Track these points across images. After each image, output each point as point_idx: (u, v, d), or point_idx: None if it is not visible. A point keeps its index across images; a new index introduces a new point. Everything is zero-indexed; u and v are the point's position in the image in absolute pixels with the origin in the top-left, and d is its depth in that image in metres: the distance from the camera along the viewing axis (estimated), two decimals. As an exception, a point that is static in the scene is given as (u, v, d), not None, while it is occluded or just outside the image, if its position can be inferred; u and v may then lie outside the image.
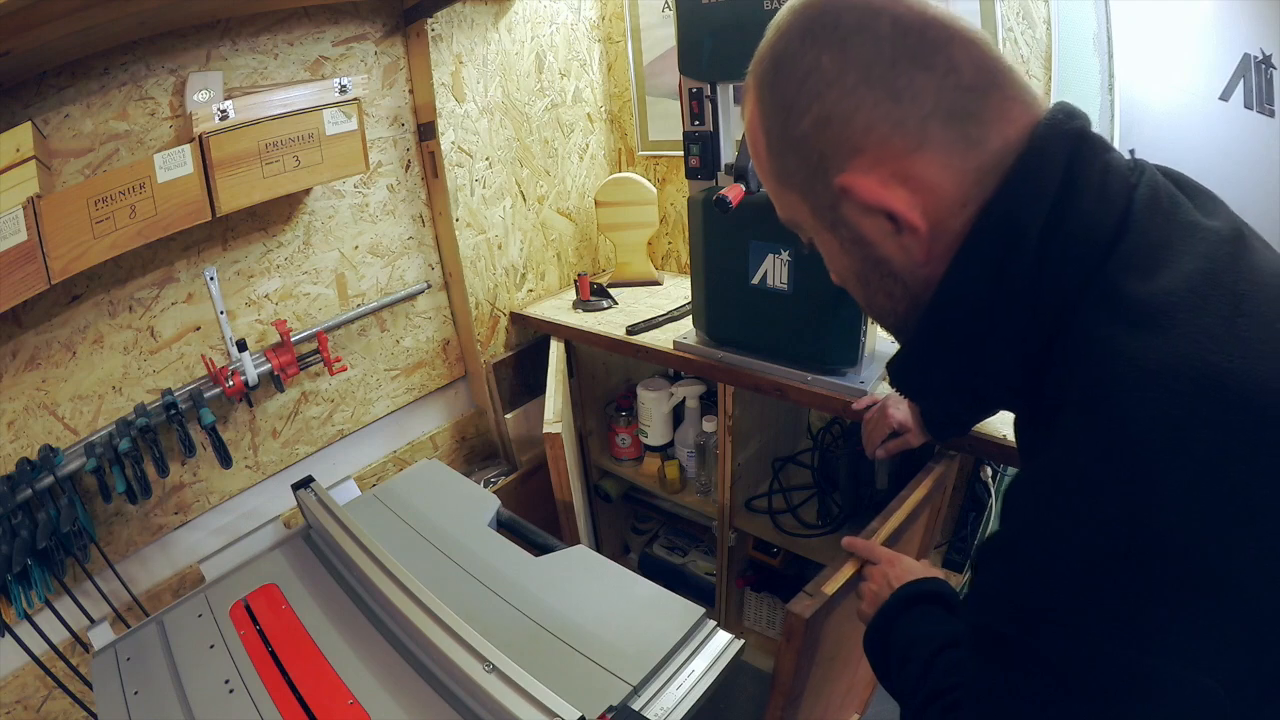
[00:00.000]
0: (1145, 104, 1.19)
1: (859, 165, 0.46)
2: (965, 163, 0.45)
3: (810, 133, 0.47)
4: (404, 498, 1.16)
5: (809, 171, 0.49)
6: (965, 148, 0.45)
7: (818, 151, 0.48)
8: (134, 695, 0.83)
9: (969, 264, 0.46)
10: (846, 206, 0.49)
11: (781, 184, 0.53)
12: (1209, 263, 0.41)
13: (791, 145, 0.49)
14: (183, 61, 1.15)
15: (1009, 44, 1.23)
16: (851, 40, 0.45)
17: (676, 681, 0.78)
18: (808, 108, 0.47)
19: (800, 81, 0.47)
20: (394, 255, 1.53)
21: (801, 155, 0.49)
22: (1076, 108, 0.46)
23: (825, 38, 0.46)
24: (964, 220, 0.46)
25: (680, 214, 1.82)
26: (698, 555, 1.88)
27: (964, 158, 0.45)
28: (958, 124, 0.44)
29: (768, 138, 0.51)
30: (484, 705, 0.71)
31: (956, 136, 0.44)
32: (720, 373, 1.31)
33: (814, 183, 0.49)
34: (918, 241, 0.47)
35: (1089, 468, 0.39)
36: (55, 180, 1.05)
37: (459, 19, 1.45)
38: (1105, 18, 1.18)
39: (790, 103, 0.48)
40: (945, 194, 0.45)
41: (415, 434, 1.69)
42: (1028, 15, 1.21)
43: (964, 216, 0.46)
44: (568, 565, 0.98)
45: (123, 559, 1.23)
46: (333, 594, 0.93)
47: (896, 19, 0.44)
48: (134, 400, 1.20)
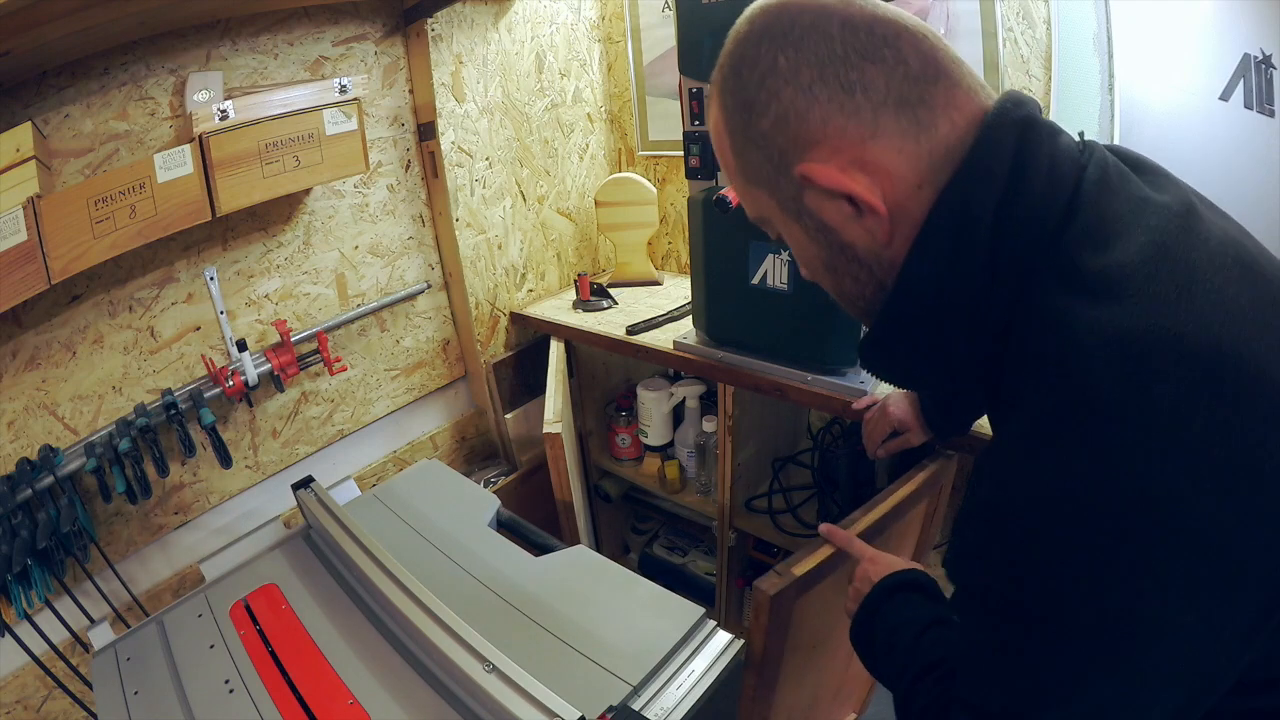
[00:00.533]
0: (1145, 104, 1.19)
1: (817, 155, 0.49)
2: (918, 146, 0.47)
3: (770, 129, 0.50)
4: (404, 498, 1.16)
5: (772, 166, 0.52)
6: (917, 132, 0.47)
7: (778, 147, 0.50)
8: (134, 695, 0.83)
9: (926, 249, 0.49)
10: (809, 196, 0.51)
11: (748, 181, 0.55)
12: (1160, 235, 0.43)
13: (754, 143, 0.52)
14: (183, 61, 1.15)
15: (1009, 44, 1.23)
16: (805, 41, 0.48)
17: (676, 681, 0.78)
18: (767, 106, 0.50)
19: (759, 82, 0.50)
20: (394, 255, 1.53)
21: (764, 151, 0.52)
22: (1025, 95, 0.50)
23: (780, 40, 0.49)
24: (920, 203, 0.48)
25: (680, 214, 1.82)
26: (698, 555, 1.88)
27: (916, 142, 0.47)
28: (908, 111, 0.47)
29: (732, 138, 0.54)
30: (484, 705, 0.71)
31: (908, 123, 0.47)
32: (720, 373, 1.31)
33: (778, 176, 0.52)
34: (879, 224, 0.50)
35: (1057, 428, 0.41)
36: (55, 180, 1.05)
37: (459, 19, 1.45)
38: (1105, 18, 1.18)
39: (750, 102, 0.51)
40: (901, 177, 0.48)
41: (415, 434, 1.69)
42: (1028, 15, 1.21)
43: (920, 199, 0.48)
44: (568, 565, 0.98)
45: (123, 559, 1.23)
46: (333, 594, 0.93)
47: (846, 19, 0.48)
48: (134, 400, 1.20)
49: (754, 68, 0.50)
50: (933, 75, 0.47)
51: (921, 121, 0.47)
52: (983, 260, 0.47)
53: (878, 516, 0.96)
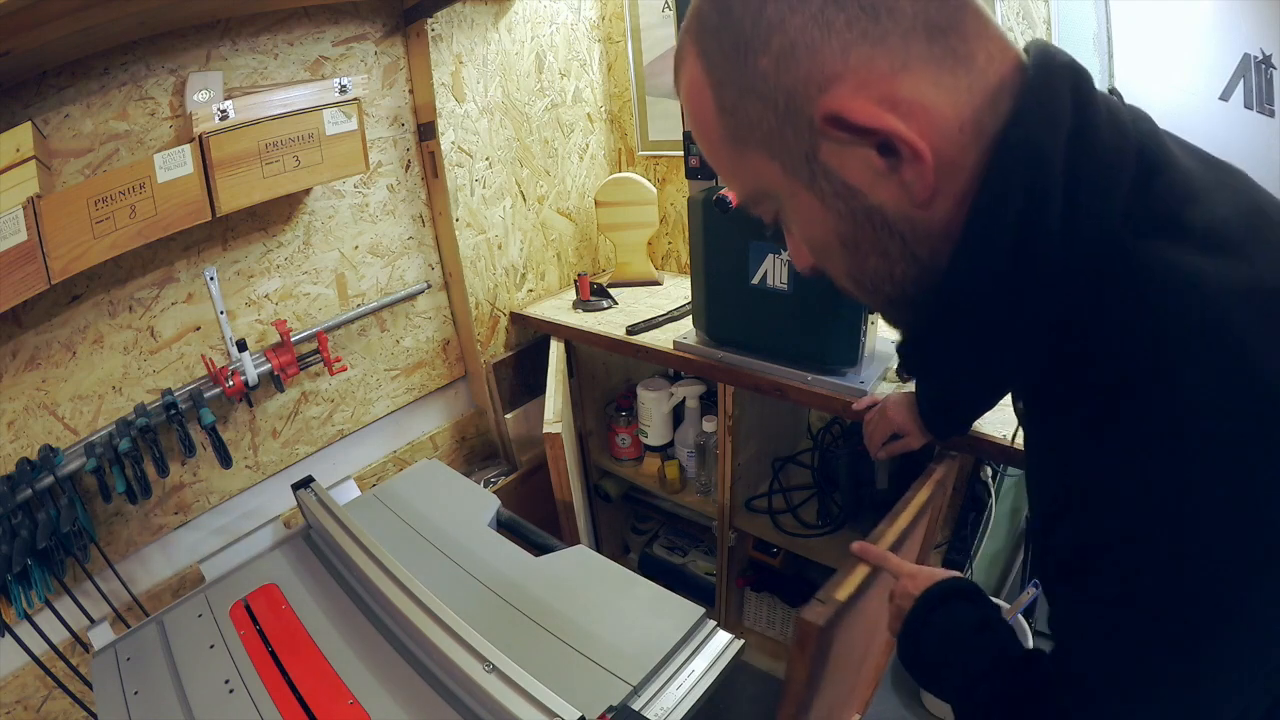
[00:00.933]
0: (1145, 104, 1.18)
1: (840, 93, 0.40)
2: (956, 80, 0.40)
3: (773, 70, 0.41)
4: (404, 498, 1.16)
5: (776, 117, 0.42)
6: (954, 63, 0.40)
7: (784, 90, 0.41)
8: (134, 695, 0.83)
9: (994, 206, 0.40)
10: (826, 150, 0.42)
11: (739, 145, 0.45)
12: (1244, 192, 0.40)
13: (750, 91, 0.42)
14: (183, 61, 1.15)
15: (1009, 44, 1.23)
16: None
17: (676, 681, 0.78)
18: (768, 40, 0.40)
19: (755, 14, 0.41)
20: (394, 255, 1.53)
21: (764, 99, 0.42)
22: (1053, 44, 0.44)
23: None
24: (964, 151, 0.41)
25: (680, 214, 1.82)
26: (698, 555, 1.88)
27: (954, 74, 0.40)
28: (941, 38, 0.40)
29: (717, 92, 0.44)
30: (484, 705, 0.71)
31: (943, 52, 0.40)
32: (720, 373, 1.31)
33: (783, 129, 0.42)
34: (920, 175, 0.41)
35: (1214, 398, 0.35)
36: (55, 180, 1.05)
37: (459, 19, 1.45)
38: (1105, 18, 1.18)
39: (745, 41, 0.41)
40: (941, 115, 0.40)
41: (415, 434, 1.69)
42: (1028, 15, 1.21)
43: (963, 146, 0.41)
44: (568, 565, 0.98)
45: (123, 559, 1.23)
46: (333, 594, 0.93)
47: None
48: (134, 400, 1.20)
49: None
50: (959, 2, 0.40)
51: (958, 51, 0.40)
52: (1060, 217, 0.39)
53: (902, 528, 0.94)
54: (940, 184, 0.41)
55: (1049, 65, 0.41)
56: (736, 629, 1.62)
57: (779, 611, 1.67)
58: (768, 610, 1.69)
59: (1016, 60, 0.42)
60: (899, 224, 0.43)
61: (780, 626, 1.68)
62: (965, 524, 1.26)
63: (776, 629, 1.68)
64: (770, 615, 1.69)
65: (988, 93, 0.41)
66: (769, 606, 1.68)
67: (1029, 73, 0.41)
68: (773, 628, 1.69)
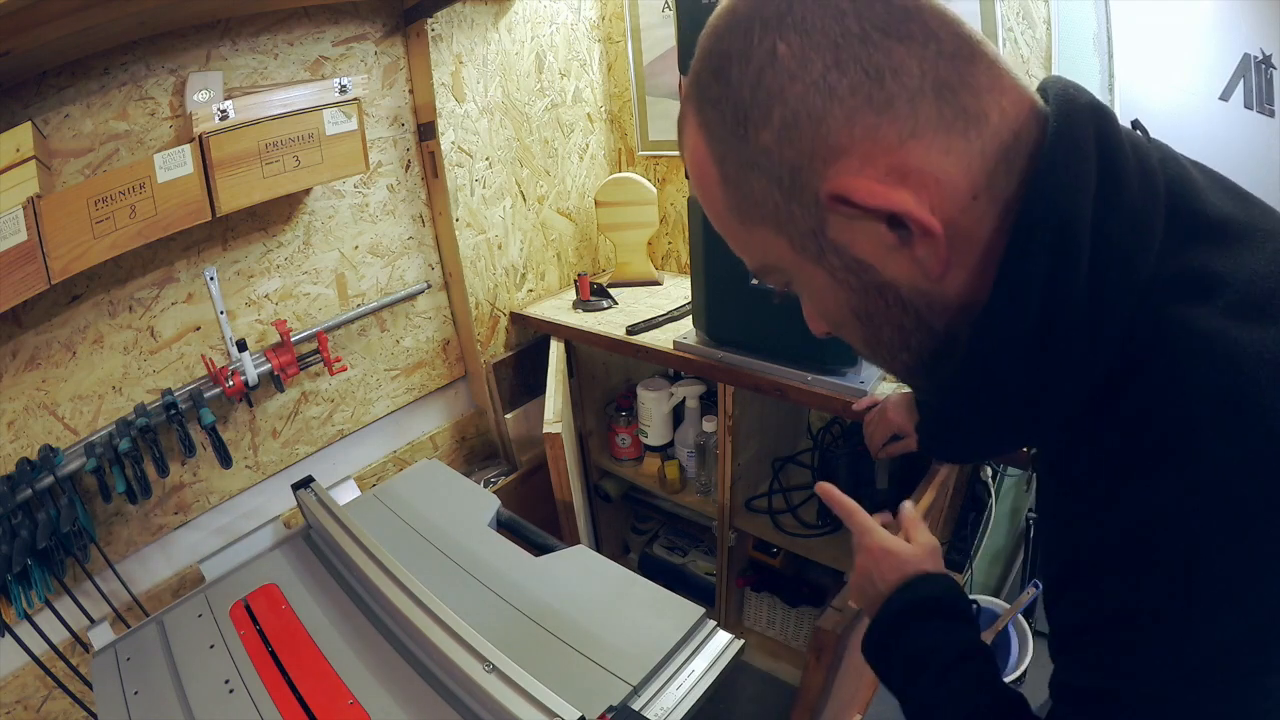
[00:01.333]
0: (1145, 104, 1.19)
1: (845, 168, 0.38)
2: (968, 143, 0.38)
3: (775, 143, 0.39)
4: (404, 498, 1.16)
5: (781, 193, 0.41)
6: (965, 125, 0.38)
7: (788, 165, 0.39)
8: (134, 695, 0.83)
9: (1017, 280, 0.38)
10: (834, 226, 0.40)
11: (746, 221, 0.44)
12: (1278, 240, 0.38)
13: (753, 165, 0.41)
14: (183, 61, 1.15)
15: (1009, 44, 1.23)
16: (810, 19, 0.37)
17: (676, 681, 0.78)
18: (768, 113, 0.39)
19: (755, 81, 0.39)
20: (394, 255, 1.53)
21: (768, 174, 0.40)
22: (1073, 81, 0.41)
23: (776, 23, 0.38)
24: (978, 219, 0.39)
25: (680, 214, 1.82)
26: (698, 555, 1.88)
27: (966, 137, 0.38)
28: (951, 98, 0.37)
29: (720, 166, 0.43)
30: (484, 705, 0.71)
31: (953, 114, 0.37)
32: (720, 373, 1.31)
33: (789, 206, 0.41)
34: (932, 250, 0.39)
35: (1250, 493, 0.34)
36: (55, 180, 1.05)
37: (459, 19, 1.45)
38: (1105, 18, 1.18)
39: (745, 113, 0.39)
40: (953, 185, 0.38)
41: (415, 434, 1.69)
42: (1028, 15, 1.21)
43: (977, 214, 0.39)
44: (568, 565, 0.98)
45: (123, 559, 1.23)
46: (333, 594, 0.93)
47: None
48: (134, 400, 1.20)
49: (745, 64, 0.39)
50: (969, 53, 0.38)
51: (969, 111, 0.37)
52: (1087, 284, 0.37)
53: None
54: (954, 256, 0.40)
55: (1069, 115, 0.38)
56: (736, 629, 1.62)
57: (779, 611, 1.67)
58: (768, 610, 1.69)
59: (1032, 108, 0.39)
60: (913, 298, 0.42)
61: (780, 626, 1.68)
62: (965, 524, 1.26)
63: (776, 629, 1.68)
64: (770, 615, 1.69)
65: (1002, 152, 0.38)
66: (769, 606, 1.68)
67: (1049, 124, 0.38)
68: (773, 628, 1.69)
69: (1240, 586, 0.35)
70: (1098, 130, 0.38)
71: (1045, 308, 0.38)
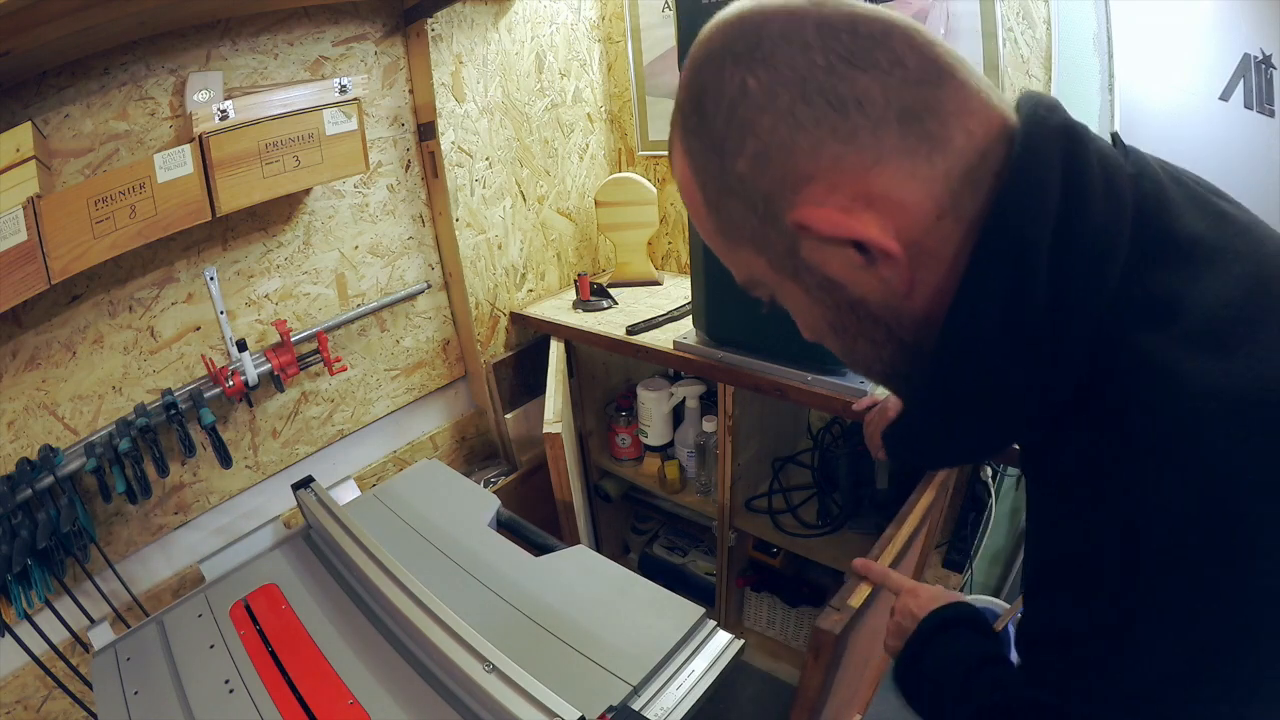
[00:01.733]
0: (1145, 104, 1.19)
1: (812, 195, 0.40)
2: (932, 168, 0.39)
3: (749, 172, 0.42)
4: (404, 498, 1.16)
5: (757, 217, 0.43)
6: (930, 149, 0.39)
7: (762, 191, 0.42)
8: (134, 695, 0.83)
9: (977, 296, 0.40)
10: (806, 247, 0.43)
11: (729, 240, 0.47)
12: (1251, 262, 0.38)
13: (731, 192, 0.43)
14: (183, 61, 1.15)
15: (1009, 44, 1.23)
16: (777, 54, 0.39)
17: (676, 681, 0.78)
18: (741, 143, 0.41)
19: (728, 114, 0.41)
20: (394, 255, 1.53)
21: (745, 200, 0.43)
22: (1049, 96, 0.42)
23: (746, 58, 0.40)
24: (943, 239, 0.40)
25: (680, 214, 1.82)
26: (698, 555, 1.88)
27: (930, 162, 0.39)
28: (915, 124, 0.39)
29: (704, 191, 0.45)
30: (484, 705, 0.71)
31: (917, 140, 0.39)
32: (720, 373, 1.31)
33: (766, 229, 0.43)
34: (896, 270, 0.41)
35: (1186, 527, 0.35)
36: (55, 180, 1.05)
37: (459, 19, 1.45)
38: (1105, 18, 1.18)
39: (720, 143, 0.42)
40: (917, 207, 0.40)
41: (415, 434, 1.69)
42: (1028, 15, 1.21)
43: (942, 234, 0.40)
44: (568, 565, 0.98)
45: (123, 559, 1.23)
46: (333, 594, 0.93)
47: (822, 21, 0.39)
48: (134, 400, 1.20)
49: (719, 97, 0.41)
50: (936, 77, 0.39)
51: (933, 135, 0.39)
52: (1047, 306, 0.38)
53: (909, 532, 0.94)
54: (920, 274, 0.41)
55: (1036, 136, 0.39)
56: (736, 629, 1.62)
57: (779, 611, 1.67)
58: (768, 610, 1.69)
59: (1002, 128, 0.40)
60: (883, 314, 0.44)
61: (780, 626, 1.68)
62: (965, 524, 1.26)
63: (776, 629, 1.68)
64: (770, 615, 1.69)
65: (967, 174, 0.40)
66: (769, 606, 1.68)
67: (1015, 146, 0.39)
68: (773, 628, 1.69)
69: (1177, 619, 0.36)
70: (1065, 151, 0.39)
71: (1004, 327, 0.39)
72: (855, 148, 0.39)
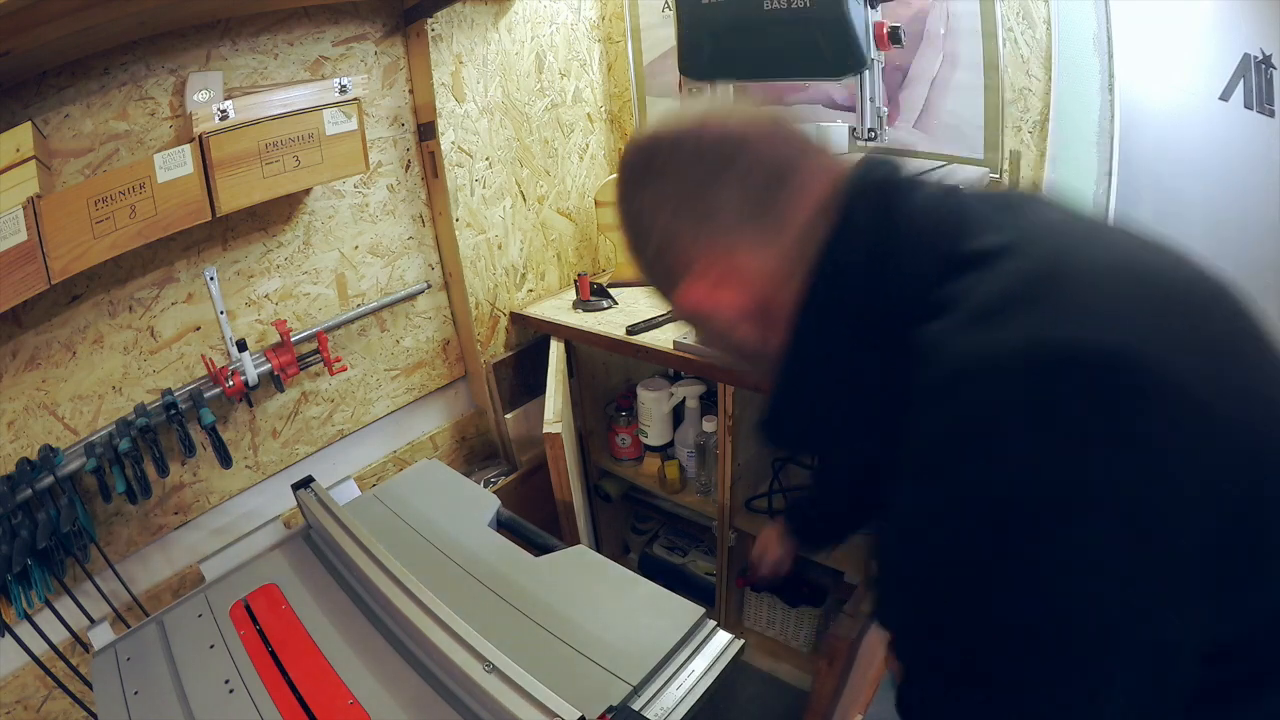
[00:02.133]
0: (1145, 104, 1.19)
1: (693, 277, 0.54)
2: (782, 241, 0.52)
3: (655, 259, 0.57)
4: (404, 498, 1.16)
5: (668, 285, 0.57)
6: (777, 231, 0.52)
7: (663, 271, 0.57)
8: (134, 695, 0.83)
9: (807, 314, 0.51)
10: (697, 319, 0.58)
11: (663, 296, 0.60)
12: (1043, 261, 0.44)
13: (650, 268, 0.59)
14: (183, 61, 1.15)
15: (1009, 44, 1.23)
16: (665, 174, 0.54)
17: (676, 681, 0.78)
18: (648, 236, 0.56)
19: (637, 215, 0.56)
20: (394, 255, 1.53)
21: (655, 276, 0.58)
22: (882, 158, 0.53)
23: (645, 176, 0.55)
24: (793, 292, 0.52)
25: (680, 214, 1.81)
26: (698, 555, 1.88)
27: (778, 238, 0.52)
28: (760, 219, 0.52)
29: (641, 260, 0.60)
30: (484, 705, 0.71)
31: (766, 225, 0.52)
32: (720, 373, 1.31)
33: (671, 294, 0.57)
34: (757, 322, 0.54)
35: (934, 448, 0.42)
36: (55, 180, 1.05)
37: (459, 19, 1.45)
38: (1105, 18, 1.18)
39: (638, 233, 0.57)
40: (770, 275, 0.52)
41: (415, 434, 1.69)
42: (1028, 15, 1.21)
43: (792, 289, 0.51)
44: (568, 565, 0.98)
45: (123, 559, 1.23)
46: (333, 594, 0.93)
47: (696, 146, 0.53)
48: (134, 400, 1.20)
49: (632, 202, 0.57)
50: (778, 179, 0.52)
51: (780, 220, 0.52)
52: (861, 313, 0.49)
53: None
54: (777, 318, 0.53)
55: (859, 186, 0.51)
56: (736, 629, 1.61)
57: (779, 611, 1.67)
58: (768, 610, 1.69)
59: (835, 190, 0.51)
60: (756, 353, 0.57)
61: (780, 626, 1.68)
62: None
63: (776, 629, 1.68)
64: (770, 615, 1.69)
65: (804, 237, 0.51)
66: (769, 606, 1.68)
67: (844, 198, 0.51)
68: (773, 627, 1.69)
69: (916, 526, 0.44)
70: (878, 204, 0.50)
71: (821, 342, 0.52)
72: (716, 244, 0.53)
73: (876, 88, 1.08)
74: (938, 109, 1.36)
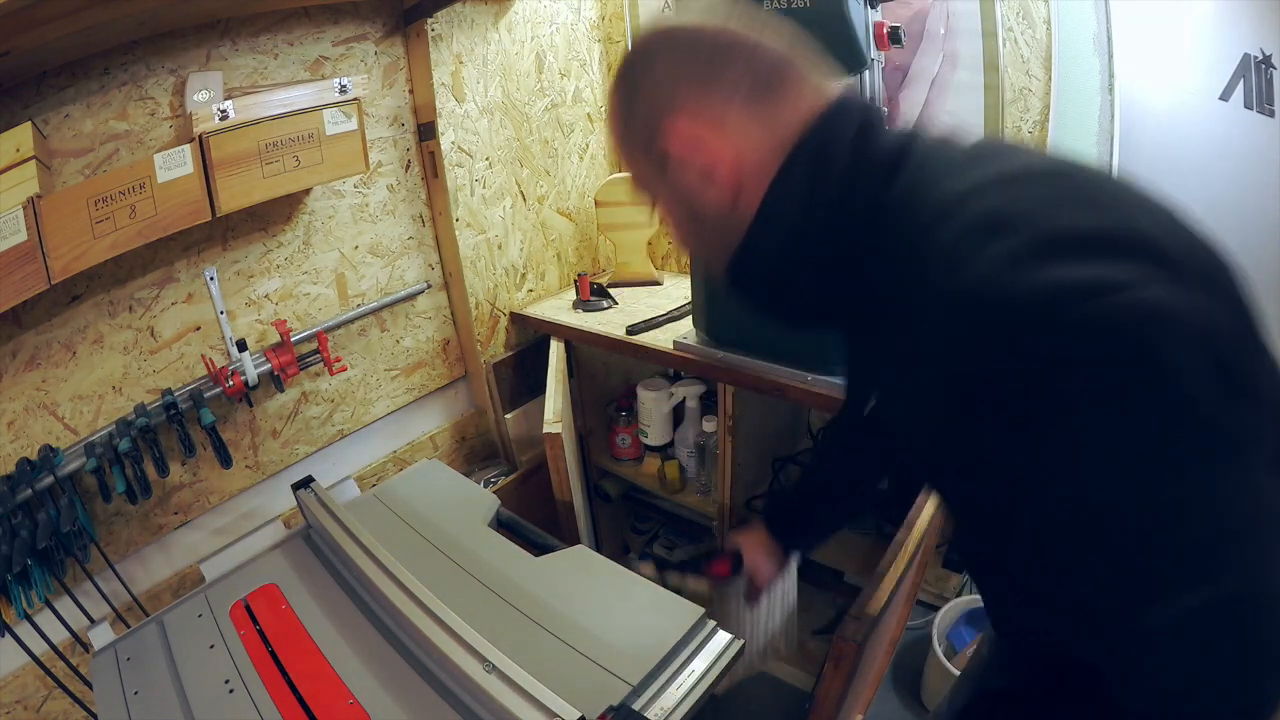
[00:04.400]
0: (1145, 104, 1.19)
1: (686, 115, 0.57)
2: (771, 129, 0.56)
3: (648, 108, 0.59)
4: (404, 498, 1.16)
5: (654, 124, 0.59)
6: (769, 120, 0.56)
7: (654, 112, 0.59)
8: (134, 695, 0.83)
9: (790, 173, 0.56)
10: (671, 165, 0.59)
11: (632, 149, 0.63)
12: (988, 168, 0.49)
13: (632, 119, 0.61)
14: (183, 61, 1.15)
15: (1009, 44, 1.23)
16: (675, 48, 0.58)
17: (676, 681, 0.78)
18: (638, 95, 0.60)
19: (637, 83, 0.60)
20: (394, 255, 1.53)
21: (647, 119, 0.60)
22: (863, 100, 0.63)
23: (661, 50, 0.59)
24: (766, 172, 0.57)
25: (680, 214, 1.81)
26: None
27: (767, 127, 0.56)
28: (757, 104, 0.56)
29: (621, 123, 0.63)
30: (484, 705, 0.71)
31: (761, 113, 0.56)
32: (720, 373, 1.31)
33: (650, 145, 0.60)
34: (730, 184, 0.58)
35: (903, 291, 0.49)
36: (55, 180, 1.05)
37: (459, 19, 1.45)
38: (1105, 18, 1.18)
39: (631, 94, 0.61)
40: (753, 149, 0.57)
41: (415, 434, 1.69)
42: (1028, 15, 1.21)
43: (766, 169, 0.57)
44: (568, 565, 0.98)
45: (123, 559, 1.23)
46: (333, 594, 0.93)
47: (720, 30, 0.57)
48: (134, 400, 1.20)
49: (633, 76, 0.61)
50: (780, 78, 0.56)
51: (770, 115, 0.56)
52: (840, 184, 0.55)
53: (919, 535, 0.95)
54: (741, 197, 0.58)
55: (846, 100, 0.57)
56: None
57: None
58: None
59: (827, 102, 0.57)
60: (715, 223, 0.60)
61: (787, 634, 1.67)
62: (965, 524, 1.26)
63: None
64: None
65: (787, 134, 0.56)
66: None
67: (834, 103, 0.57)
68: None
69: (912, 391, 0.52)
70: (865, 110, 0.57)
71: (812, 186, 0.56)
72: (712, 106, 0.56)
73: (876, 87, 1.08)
74: (938, 109, 1.36)
